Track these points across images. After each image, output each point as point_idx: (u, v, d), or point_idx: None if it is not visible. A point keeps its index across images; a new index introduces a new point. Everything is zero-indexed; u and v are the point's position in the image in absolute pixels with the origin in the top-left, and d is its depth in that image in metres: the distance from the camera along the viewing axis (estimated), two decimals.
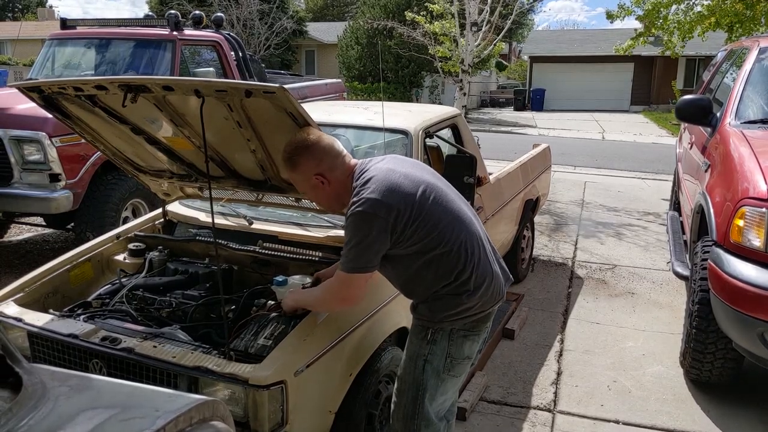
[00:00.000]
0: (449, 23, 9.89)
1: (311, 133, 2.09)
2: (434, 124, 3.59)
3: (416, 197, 2.00)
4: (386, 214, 1.95)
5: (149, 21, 7.01)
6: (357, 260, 2.01)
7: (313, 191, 2.14)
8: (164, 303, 2.61)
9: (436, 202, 2.06)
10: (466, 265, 2.07)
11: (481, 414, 3.22)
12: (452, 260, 2.05)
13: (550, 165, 5.85)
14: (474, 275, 2.08)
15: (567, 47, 28.08)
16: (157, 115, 2.44)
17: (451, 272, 2.06)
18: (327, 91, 8.58)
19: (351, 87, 21.70)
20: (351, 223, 1.99)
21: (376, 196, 1.95)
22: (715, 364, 3.29)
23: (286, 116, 2.14)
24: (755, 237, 2.91)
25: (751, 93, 4.06)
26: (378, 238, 1.96)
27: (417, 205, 1.99)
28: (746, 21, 8.97)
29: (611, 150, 13.56)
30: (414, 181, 2.04)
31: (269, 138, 2.38)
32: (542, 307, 4.63)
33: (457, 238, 2.06)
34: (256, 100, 2.10)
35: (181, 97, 2.26)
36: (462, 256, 2.06)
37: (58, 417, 0.77)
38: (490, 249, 2.27)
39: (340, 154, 2.09)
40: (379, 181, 1.99)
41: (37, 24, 33.35)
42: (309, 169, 2.06)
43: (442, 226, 2.04)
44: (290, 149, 2.07)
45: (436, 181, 2.15)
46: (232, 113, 2.24)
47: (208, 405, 0.89)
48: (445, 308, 2.10)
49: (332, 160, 2.06)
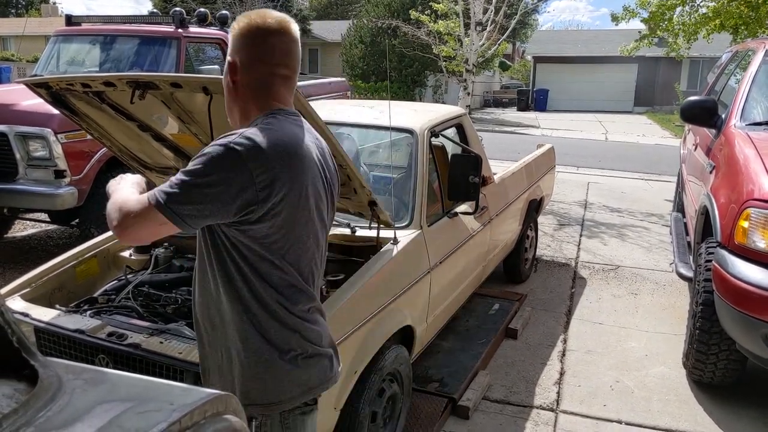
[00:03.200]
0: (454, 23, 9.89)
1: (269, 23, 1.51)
2: (440, 124, 3.59)
3: (302, 175, 1.49)
4: (257, 170, 1.41)
5: (154, 18, 7.02)
6: (178, 197, 1.39)
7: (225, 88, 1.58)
8: (170, 299, 2.62)
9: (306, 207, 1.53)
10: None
11: (484, 413, 3.23)
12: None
13: (554, 165, 5.85)
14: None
15: (571, 48, 28.06)
16: (165, 112, 2.45)
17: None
18: (331, 90, 8.59)
19: (354, 86, 21.69)
20: (207, 154, 1.40)
21: (263, 144, 1.42)
22: (718, 366, 3.29)
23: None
24: (760, 238, 2.91)
25: (756, 95, 4.06)
26: (225, 191, 1.39)
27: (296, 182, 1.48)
28: (751, 23, 8.95)
29: (615, 151, 13.55)
30: (309, 161, 1.53)
31: None
32: (545, 307, 4.64)
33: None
34: None
35: (189, 95, 2.26)
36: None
37: (75, 410, 0.77)
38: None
39: (278, 75, 1.53)
40: (280, 134, 1.47)
41: (40, 20, 33.39)
42: (229, 52, 1.55)
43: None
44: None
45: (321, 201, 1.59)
46: None
47: (222, 399, 0.89)
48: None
49: (258, 65, 1.51)
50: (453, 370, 3.50)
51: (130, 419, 0.77)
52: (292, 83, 1.58)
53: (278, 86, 1.54)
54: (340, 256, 2.88)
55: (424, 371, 3.47)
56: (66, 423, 0.75)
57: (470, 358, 3.65)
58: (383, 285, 2.63)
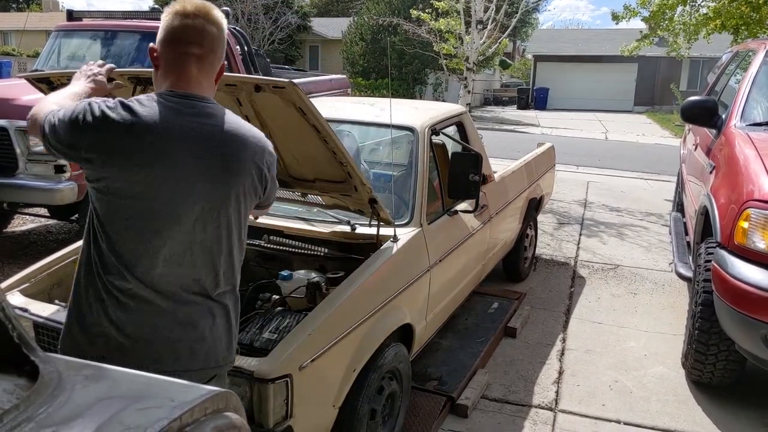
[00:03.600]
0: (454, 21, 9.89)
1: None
2: (440, 122, 3.59)
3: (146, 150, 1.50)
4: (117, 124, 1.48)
5: (155, 14, 7.01)
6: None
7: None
8: None
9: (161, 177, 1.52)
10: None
11: (483, 412, 3.23)
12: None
13: (554, 164, 5.85)
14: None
15: (571, 46, 28.06)
16: None
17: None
18: (332, 87, 8.57)
19: (355, 83, 21.68)
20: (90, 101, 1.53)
21: (136, 110, 1.51)
22: (717, 366, 3.29)
23: (295, 111, 2.14)
24: (760, 239, 2.91)
25: (756, 95, 4.06)
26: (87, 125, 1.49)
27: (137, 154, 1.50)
28: (752, 23, 8.95)
29: (614, 150, 13.55)
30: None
31: (277, 132, 2.39)
32: (544, 306, 4.64)
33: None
34: (266, 95, 2.10)
35: None
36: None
37: (76, 406, 0.77)
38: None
39: (190, 54, 1.56)
40: (158, 108, 1.53)
41: (41, 15, 33.34)
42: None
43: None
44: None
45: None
46: (240, 107, 2.25)
47: (222, 396, 0.89)
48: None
49: (172, 44, 1.57)
50: (452, 369, 3.50)
51: (130, 416, 0.77)
52: (205, 63, 1.59)
53: (190, 65, 1.57)
54: (339, 254, 2.88)
55: (423, 369, 3.47)
56: (67, 419, 0.75)
57: (469, 356, 3.65)
58: (383, 283, 2.63)
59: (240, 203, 1.63)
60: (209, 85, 1.63)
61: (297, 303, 2.58)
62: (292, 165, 2.62)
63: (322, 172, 2.57)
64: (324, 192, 2.74)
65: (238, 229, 1.65)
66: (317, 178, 2.65)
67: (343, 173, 2.48)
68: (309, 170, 2.62)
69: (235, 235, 1.64)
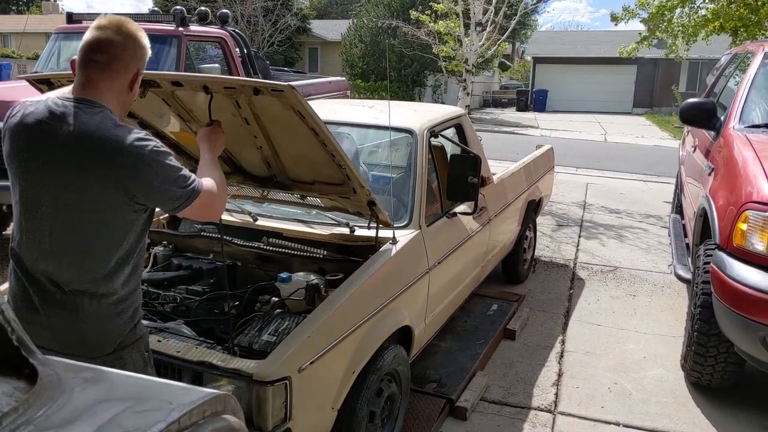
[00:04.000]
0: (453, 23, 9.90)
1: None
2: (439, 124, 3.60)
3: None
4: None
5: (155, 16, 7.02)
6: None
7: None
8: (168, 298, 2.63)
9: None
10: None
11: (482, 414, 3.23)
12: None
13: (553, 166, 5.86)
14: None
15: (570, 48, 28.08)
16: (165, 111, 2.45)
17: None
18: (331, 89, 8.58)
19: (354, 85, 21.70)
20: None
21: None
22: (716, 368, 3.29)
23: (294, 114, 2.15)
24: (758, 241, 2.92)
25: (755, 97, 4.06)
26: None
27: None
28: (751, 25, 8.96)
29: (613, 152, 13.56)
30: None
31: (276, 135, 2.39)
32: (543, 308, 4.64)
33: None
34: (264, 98, 2.10)
35: (190, 93, 2.27)
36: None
37: (75, 408, 0.78)
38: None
39: (93, 60, 1.68)
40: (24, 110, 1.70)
41: (41, 17, 33.34)
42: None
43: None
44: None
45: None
46: (239, 110, 2.25)
47: (220, 399, 0.90)
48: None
49: (80, 52, 1.71)
50: (451, 371, 3.50)
51: (129, 418, 0.77)
52: (107, 69, 1.69)
53: (90, 70, 1.68)
54: (338, 256, 2.88)
55: (422, 371, 3.47)
56: (65, 421, 0.75)
57: (468, 358, 3.65)
58: (382, 285, 2.63)
59: (91, 201, 1.65)
60: (108, 88, 1.70)
61: (296, 305, 2.58)
62: (290, 167, 2.62)
63: (321, 174, 2.58)
64: (323, 194, 2.74)
65: (90, 225, 1.68)
66: (316, 181, 2.66)
67: (342, 176, 2.49)
68: (307, 172, 2.63)
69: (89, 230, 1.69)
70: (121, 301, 1.72)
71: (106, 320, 1.69)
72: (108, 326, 1.70)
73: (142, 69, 1.76)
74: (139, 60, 1.73)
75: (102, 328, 1.69)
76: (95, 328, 1.68)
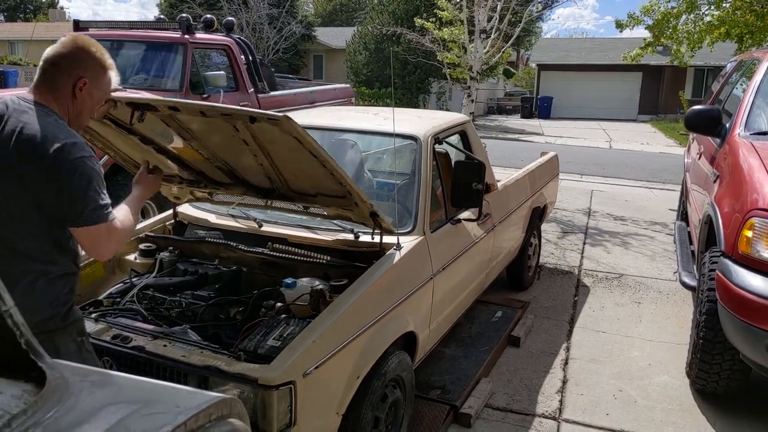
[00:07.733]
0: (458, 30, 9.94)
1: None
2: (443, 131, 3.61)
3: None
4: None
5: (161, 24, 7.07)
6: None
7: None
8: (174, 303, 2.64)
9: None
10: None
11: (486, 421, 3.22)
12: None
13: (557, 173, 5.86)
14: None
15: (575, 55, 28.08)
16: (166, 129, 2.47)
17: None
18: (336, 96, 8.62)
19: (359, 92, 21.76)
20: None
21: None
22: (721, 375, 3.28)
23: (291, 138, 2.16)
24: (764, 248, 2.91)
25: (761, 104, 4.06)
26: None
27: None
28: (756, 32, 8.96)
29: (618, 159, 13.54)
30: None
31: (276, 154, 2.42)
32: (548, 315, 4.63)
33: None
34: (261, 125, 2.13)
35: (188, 117, 2.30)
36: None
37: (82, 411, 0.78)
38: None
39: (40, 68, 1.85)
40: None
41: (48, 25, 33.60)
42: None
43: None
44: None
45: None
46: (238, 132, 2.28)
47: (226, 403, 0.90)
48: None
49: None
50: (455, 377, 3.50)
51: (136, 421, 0.78)
52: (47, 74, 1.84)
53: (40, 75, 1.84)
54: (343, 261, 2.89)
55: (427, 378, 3.47)
56: (73, 424, 0.76)
57: (473, 365, 3.65)
58: (386, 290, 2.64)
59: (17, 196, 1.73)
60: (50, 90, 1.83)
61: (301, 310, 2.58)
62: (292, 181, 2.64)
63: (323, 187, 2.60)
64: (325, 205, 2.76)
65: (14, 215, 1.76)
66: (318, 193, 2.67)
67: (344, 190, 2.50)
68: (310, 186, 2.65)
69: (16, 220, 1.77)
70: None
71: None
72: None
73: (89, 79, 1.84)
74: (82, 68, 1.83)
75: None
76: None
